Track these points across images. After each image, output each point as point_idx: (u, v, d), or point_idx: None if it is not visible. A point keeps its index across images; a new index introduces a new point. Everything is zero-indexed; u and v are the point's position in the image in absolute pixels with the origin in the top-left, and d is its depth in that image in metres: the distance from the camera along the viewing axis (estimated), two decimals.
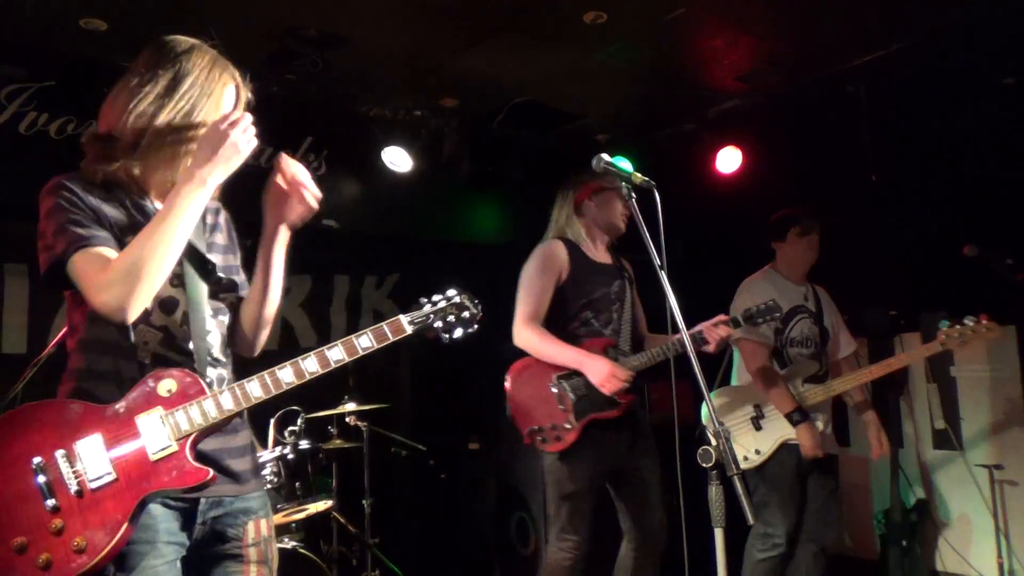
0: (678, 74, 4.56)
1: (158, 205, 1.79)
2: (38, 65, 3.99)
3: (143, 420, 1.64)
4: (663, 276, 2.10)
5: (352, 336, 1.88)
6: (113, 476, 1.59)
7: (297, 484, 3.54)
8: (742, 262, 3.90)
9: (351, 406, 4.16)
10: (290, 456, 3.40)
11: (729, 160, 5.25)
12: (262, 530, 1.80)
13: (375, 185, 5.14)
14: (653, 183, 2.22)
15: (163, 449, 1.63)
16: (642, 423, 3.24)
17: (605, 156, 2.22)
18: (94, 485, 1.57)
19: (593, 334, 3.16)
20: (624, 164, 2.24)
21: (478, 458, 4.99)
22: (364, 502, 4.25)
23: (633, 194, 2.22)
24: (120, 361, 1.68)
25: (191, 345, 1.77)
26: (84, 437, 1.60)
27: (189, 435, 1.66)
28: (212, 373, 1.80)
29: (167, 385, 1.68)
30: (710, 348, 3.09)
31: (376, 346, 1.92)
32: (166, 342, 1.74)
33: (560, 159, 5.77)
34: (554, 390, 3.08)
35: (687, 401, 4.90)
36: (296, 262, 5.88)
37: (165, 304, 1.75)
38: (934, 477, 4.71)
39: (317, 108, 4.90)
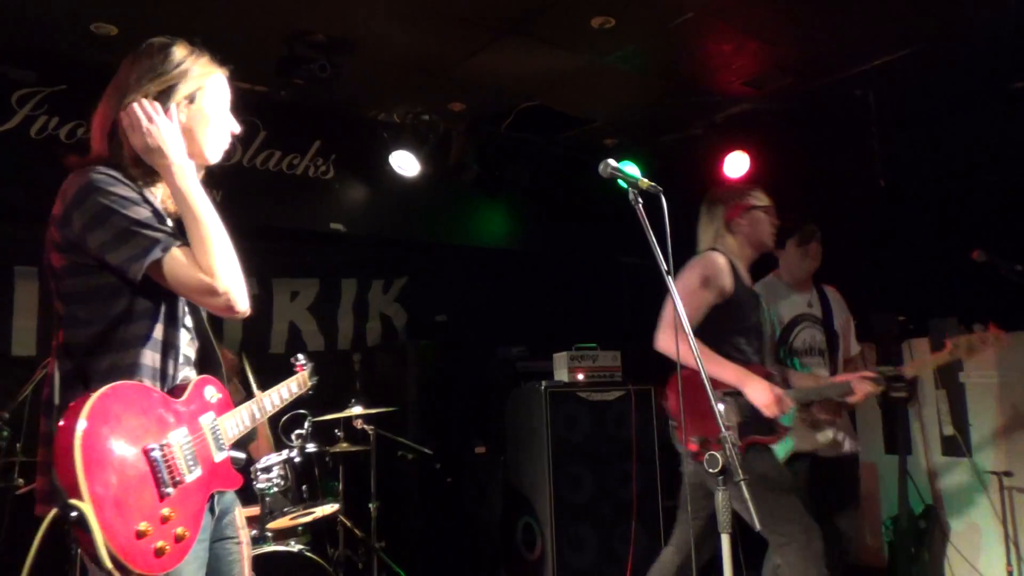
0: (686, 78, 4.56)
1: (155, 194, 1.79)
2: (49, 70, 4.02)
3: (204, 422, 1.75)
4: (670, 282, 2.09)
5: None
6: (200, 471, 1.68)
7: (303, 487, 3.54)
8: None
9: (358, 409, 4.17)
10: (297, 459, 3.40)
11: (737, 165, 5.24)
12: (242, 516, 1.95)
13: (383, 189, 5.16)
14: (660, 188, 2.21)
15: (220, 452, 1.77)
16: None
17: (612, 161, 2.21)
18: (188, 478, 1.65)
19: (745, 361, 2.97)
20: (631, 169, 2.23)
21: (484, 462, 4.98)
22: (370, 506, 4.25)
23: (640, 199, 2.21)
24: (166, 359, 1.73)
25: (194, 346, 1.86)
26: (174, 429, 1.66)
27: (231, 441, 1.81)
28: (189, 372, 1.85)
29: (212, 391, 1.81)
30: (855, 398, 3.08)
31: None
32: (190, 342, 1.83)
33: (567, 163, 5.80)
34: (718, 404, 2.89)
35: None
36: (304, 265, 5.95)
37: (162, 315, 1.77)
38: (943, 484, 4.68)
39: (325, 113, 4.92)
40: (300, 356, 2.85)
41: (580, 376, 4.60)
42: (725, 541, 1.94)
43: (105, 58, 3.85)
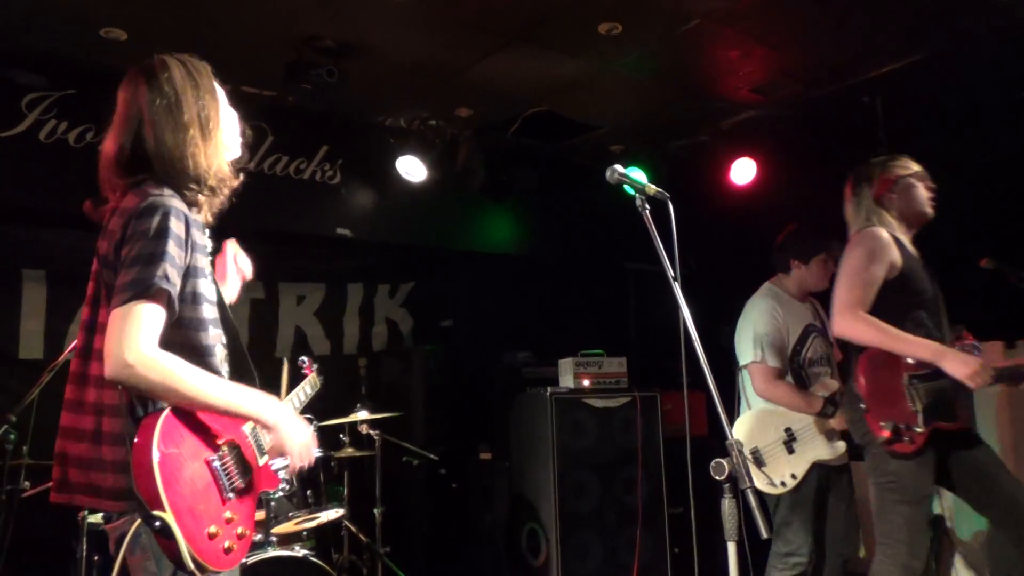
0: (693, 85, 4.56)
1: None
2: (58, 74, 4.04)
3: (246, 430, 1.88)
4: (676, 288, 2.08)
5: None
6: (251, 475, 1.85)
7: (309, 492, 3.54)
8: (756, 274, 3.84)
9: (363, 414, 4.17)
10: None
11: (743, 171, 5.24)
12: None
13: (389, 194, 5.16)
14: (667, 194, 2.21)
15: (262, 456, 1.91)
16: (981, 443, 2.91)
17: (619, 167, 2.21)
18: (242, 483, 1.81)
19: (927, 336, 2.79)
20: (638, 175, 2.23)
21: (489, 468, 4.98)
22: (375, 511, 4.24)
23: (647, 205, 2.21)
24: (211, 368, 1.81)
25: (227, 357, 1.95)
26: (225, 439, 1.80)
27: (268, 445, 1.93)
28: None
29: None
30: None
31: None
32: (226, 357, 1.93)
33: (574, 169, 5.80)
34: (907, 388, 2.75)
35: (700, 412, 4.88)
36: (310, 270, 5.95)
37: (217, 323, 1.89)
38: (950, 493, 4.64)
39: (333, 118, 4.94)
40: (306, 358, 2.88)
41: (586, 382, 4.59)
42: (731, 550, 1.93)
43: (114, 63, 3.87)
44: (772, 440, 3.37)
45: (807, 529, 3.33)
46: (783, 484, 3.32)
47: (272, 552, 3.19)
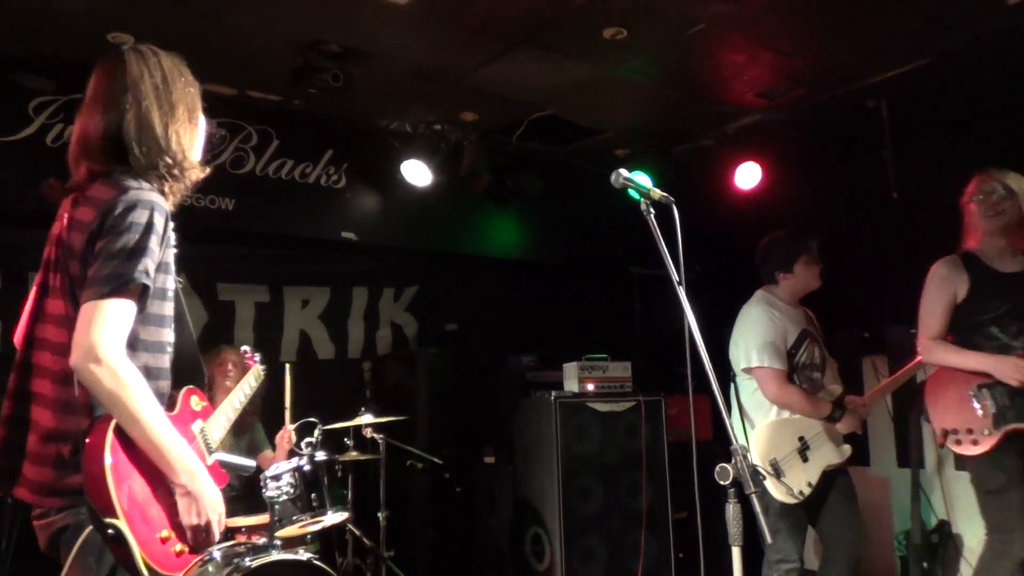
0: (698, 89, 4.56)
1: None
2: (65, 78, 4.06)
3: (195, 429, 1.88)
4: (681, 292, 2.08)
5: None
6: None
7: (313, 496, 3.53)
8: (760, 278, 3.86)
9: (368, 418, 4.17)
10: (306, 467, 3.40)
11: (748, 175, 5.23)
12: None
13: (394, 198, 5.17)
14: (672, 198, 2.21)
15: (210, 455, 1.91)
16: None
17: (624, 171, 2.21)
18: None
19: (1000, 347, 3.08)
20: (643, 179, 2.24)
21: (494, 472, 4.98)
22: (379, 515, 4.24)
23: (651, 209, 2.20)
24: (165, 364, 1.82)
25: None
26: None
27: (217, 443, 1.96)
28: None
29: (196, 400, 1.94)
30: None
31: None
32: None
33: (579, 174, 5.80)
34: (974, 397, 3.08)
35: (704, 416, 4.88)
36: (315, 273, 5.96)
37: (171, 320, 1.86)
38: (956, 498, 4.63)
39: (338, 122, 4.95)
40: (247, 348, 2.90)
41: (590, 386, 4.58)
42: (736, 554, 1.93)
43: None
44: (789, 450, 3.36)
45: (796, 535, 3.35)
46: (801, 493, 3.30)
47: (276, 556, 3.19)
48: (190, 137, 1.87)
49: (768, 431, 3.40)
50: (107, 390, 1.58)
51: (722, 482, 1.91)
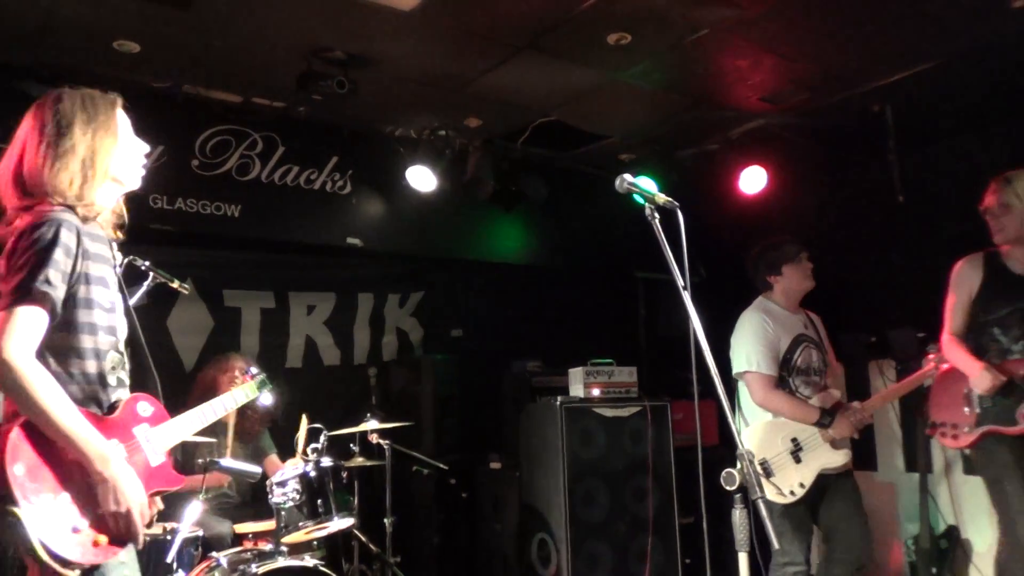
0: (702, 94, 4.56)
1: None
2: (71, 87, 4.07)
3: (138, 432, 1.97)
4: (687, 296, 2.08)
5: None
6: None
7: (319, 502, 3.53)
8: (757, 287, 3.86)
9: (373, 424, 4.17)
10: (312, 473, 3.41)
11: (753, 180, 5.23)
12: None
13: (399, 204, 5.18)
14: (676, 203, 2.21)
15: (157, 457, 2.00)
16: None
17: (628, 176, 2.22)
18: None
19: (1001, 350, 3.21)
20: (647, 183, 2.24)
21: (499, 477, 4.97)
22: (385, 520, 4.24)
23: (656, 214, 2.21)
24: (99, 369, 1.92)
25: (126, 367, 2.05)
26: (110, 440, 1.86)
27: (168, 447, 2.04)
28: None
29: (145, 406, 2.03)
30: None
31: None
32: (122, 363, 2.02)
33: (584, 179, 5.80)
34: (965, 394, 3.28)
35: (710, 421, 4.86)
36: (320, 279, 5.96)
37: (111, 330, 1.98)
38: (964, 503, 4.61)
39: (343, 128, 4.96)
40: (252, 368, 2.90)
41: (596, 391, 4.58)
42: (743, 560, 1.92)
43: (127, 75, 3.92)
44: (779, 450, 3.41)
45: (801, 538, 3.38)
46: (792, 493, 3.35)
47: (282, 562, 3.19)
48: (91, 183, 1.96)
49: (759, 431, 3.48)
50: (12, 388, 1.72)
51: (728, 487, 1.91)
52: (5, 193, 1.94)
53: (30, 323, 1.75)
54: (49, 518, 1.71)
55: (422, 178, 5.00)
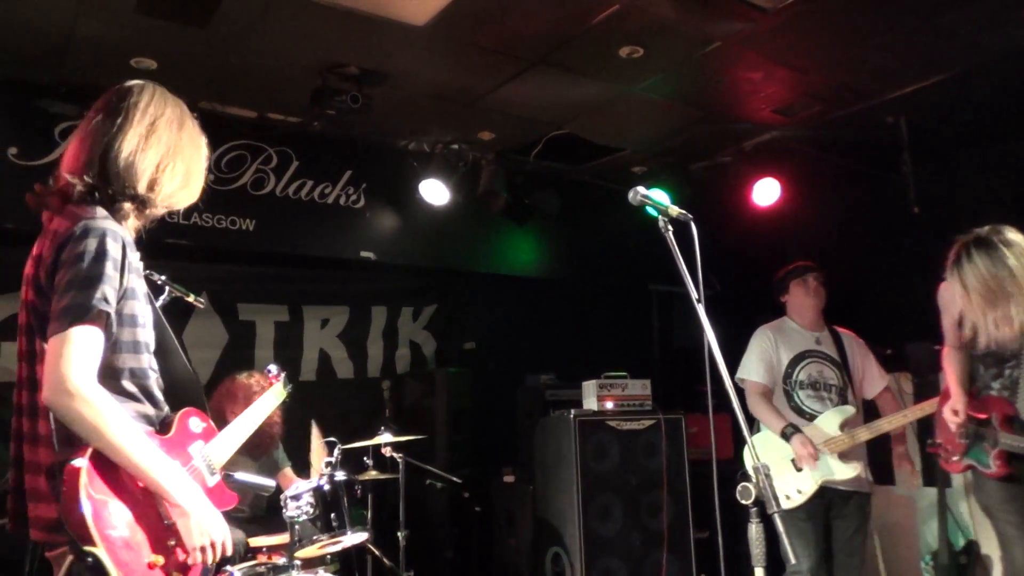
0: (714, 106, 4.56)
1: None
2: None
3: (193, 451, 1.87)
4: (700, 309, 2.07)
5: None
6: None
7: (332, 515, 3.53)
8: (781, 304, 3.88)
9: (387, 437, 4.17)
10: (326, 487, 3.41)
11: (767, 192, 5.21)
12: None
13: (413, 217, 5.20)
14: (690, 215, 2.20)
15: (213, 476, 1.91)
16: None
17: (642, 188, 2.21)
18: None
19: (982, 387, 3.17)
20: (661, 196, 2.24)
21: (513, 491, 4.95)
22: (399, 534, 4.23)
23: (670, 226, 2.20)
24: (146, 390, 1.81)
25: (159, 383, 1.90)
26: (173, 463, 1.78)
27: (222, 465, 1.95)
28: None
29: (196, 422, 1.93)
30: None
31: None
32: (157, 380, 1.89)
33: (596, 191, 5.80)
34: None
35: (725, 434, 4.82)
36: (334, 293, 5.97)
37: (150, 346, 1.85)
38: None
39: (356, 142, 5.00)
40: (272, 367, 2.89)
41: (609, 404, 4.56)
42: (759, 575, 1.90)
43: None
44: (779, 458, 3.49)
45: (804, 544, 3.41)
46: (788, 498, 3.44)
47: None
48: (177, 183, 1.86)
49: (763, 439, 3.59)
50: (79, 418, 1.58)
51: (744, 501, 1.89)
52: (73, 168, 1.77)
53: (90, 345, 1.61)
54: (127, 556, 1.59)
55: (435, 191, 5.02)
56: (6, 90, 3.99)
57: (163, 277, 2.98)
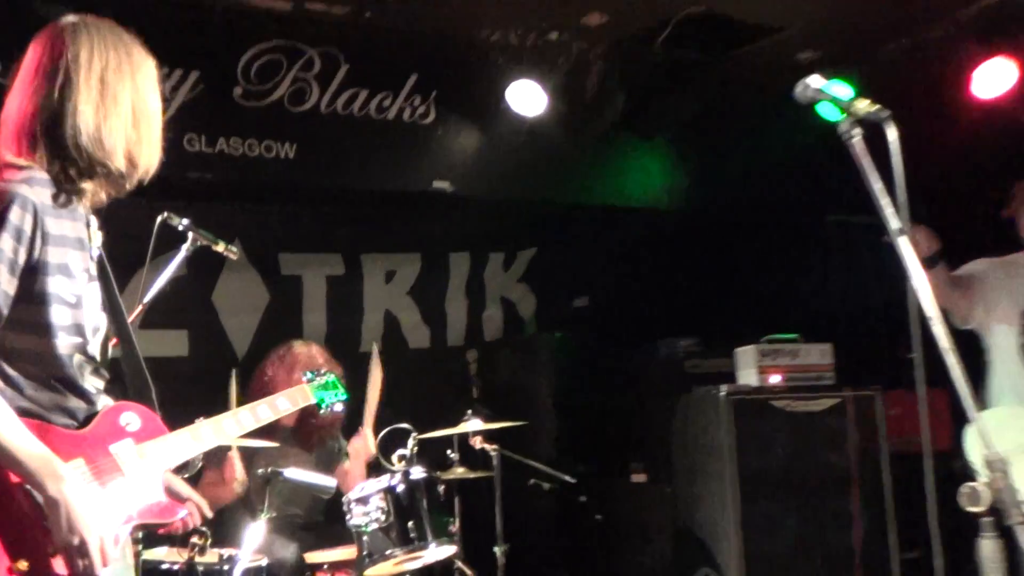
0: None
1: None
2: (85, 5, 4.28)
3: (117, 448, 2.02)
4: (903, 245, 2.00)
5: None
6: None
7: (410, 524, 3.63)
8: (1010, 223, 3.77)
9: (476, 424, 4.23)
10: (399, 488, 3.49)
11: (995, 78, 4.96)
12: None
13: (500, 135, 5.21)
14: (885, 112, 2.12)
15: (138, 478, 2.03)
16: None
17: (814, 80, 2.16)
18: None
19: None
20: (841, 89, 2.16)
21: (645, 494, 4.98)
22: (496, 549, 4.32)
23: (856, 131, 2.12)
24: (64, 378, 1.98)
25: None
26: (68, 461, 1.91)
27: (165, 467, 2.11)
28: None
29: (129, 417, 2.08)
30: None
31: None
32: (93, 373, 2.07)
33: (748, 90, 5.65)
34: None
35: (942, 417, 4.69)
36: (401, 237, 6.05)
37: (76, 329, 2.02)
38: None
39: (423, 37, 5.00)
40: (309, 373, 2.89)
41: (775, 378, 4.54)
42: None
43: None
44: (1018, 443, 3.30)
45: None
46: None
47: None
48: (142, 143, 2.03)
49: (999, 416, 3.49)
50: None
51: (972, 508, 1.84)
52: (8, 143, 1.95)
53: None
54: None
55: (529, 98, 5.00)
56: None
57: (185, 221, 3.08)
